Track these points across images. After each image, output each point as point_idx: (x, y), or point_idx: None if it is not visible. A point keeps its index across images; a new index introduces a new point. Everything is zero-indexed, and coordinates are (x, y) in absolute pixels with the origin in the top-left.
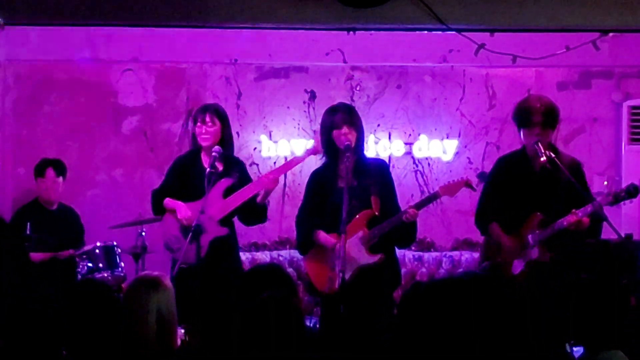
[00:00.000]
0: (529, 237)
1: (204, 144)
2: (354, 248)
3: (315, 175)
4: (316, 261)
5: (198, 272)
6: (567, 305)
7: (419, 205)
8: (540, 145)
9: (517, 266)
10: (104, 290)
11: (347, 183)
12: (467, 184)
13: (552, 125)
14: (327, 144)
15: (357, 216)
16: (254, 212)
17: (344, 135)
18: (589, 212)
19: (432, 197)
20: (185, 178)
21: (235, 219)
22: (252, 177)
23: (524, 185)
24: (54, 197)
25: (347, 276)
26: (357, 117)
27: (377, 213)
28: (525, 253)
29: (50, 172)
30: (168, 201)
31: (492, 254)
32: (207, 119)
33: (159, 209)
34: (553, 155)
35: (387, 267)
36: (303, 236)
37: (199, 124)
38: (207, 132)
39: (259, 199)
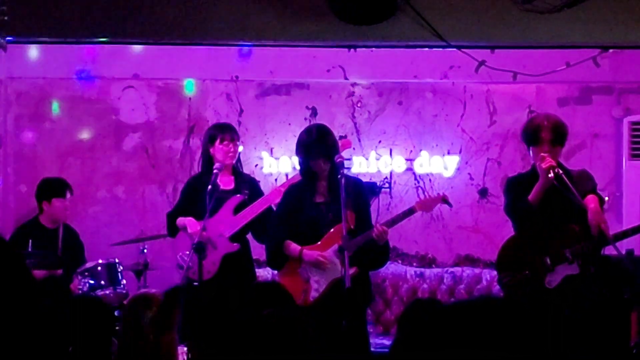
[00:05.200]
0: (567, 252)
1: (229, 162)
2: (330, 261)
3: (292, 188)
4: (289, 274)
5: (211, 289)
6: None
7: (393, 221)
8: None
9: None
10: (99, 305)
11: (344, 197)
12: (444, 200)
13: (560, 142)
14: (305, 168)
15: (333, 229)
16: (265, 228)
17: (321, 165)
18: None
19: (408, 213)
20: (200, 198)
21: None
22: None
23: (541, 204)
24: (68, 217)
25: (322, 289)
26: (331, 142)
27: (352, 226)
28: (563, 268)
29: (68, 193)
30: (179, 220)
31: (516, 265)
32: (234, 138)
33: (173, 230)
34: (561, 172)
35: (359, 283)
36: (275, 249)
37: (226, 142)
38: (234, 151)
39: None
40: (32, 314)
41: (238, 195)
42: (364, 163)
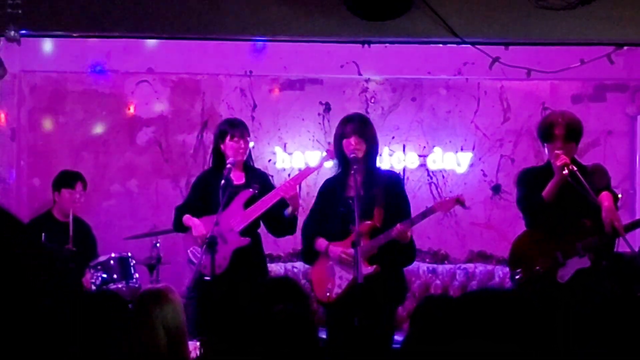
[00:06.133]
0: (578, 245)
1: (240, 158)
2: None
3: (326, 184)
4: (319, 269)
5: (222, 283)
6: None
7: (413, 221)
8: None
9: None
10: (117, 301)
11: (357, 194)
12: (458, 201)
13: (574, 139)
14: (338, 153)
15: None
16: (281, 222)
17: (353, 145)
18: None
19: (428, 212)
20: (211, 194)
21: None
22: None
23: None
24: (79, 209)
25: (344, 286)
26: (369, 127)
27: (378, 224)
28: (574, 262)
29: (79, 185)
30: (186, 218)
31: (528, 261)
32: (244, 134)
33: (179, 225)
34: (575, 169)
35: (389, 281)
36: (307, 244)
37: (236, 139)
38: (245, 147)
39: (288, 211)
40: (39, 307)
41: (249, 189)
42: (377, 159)
